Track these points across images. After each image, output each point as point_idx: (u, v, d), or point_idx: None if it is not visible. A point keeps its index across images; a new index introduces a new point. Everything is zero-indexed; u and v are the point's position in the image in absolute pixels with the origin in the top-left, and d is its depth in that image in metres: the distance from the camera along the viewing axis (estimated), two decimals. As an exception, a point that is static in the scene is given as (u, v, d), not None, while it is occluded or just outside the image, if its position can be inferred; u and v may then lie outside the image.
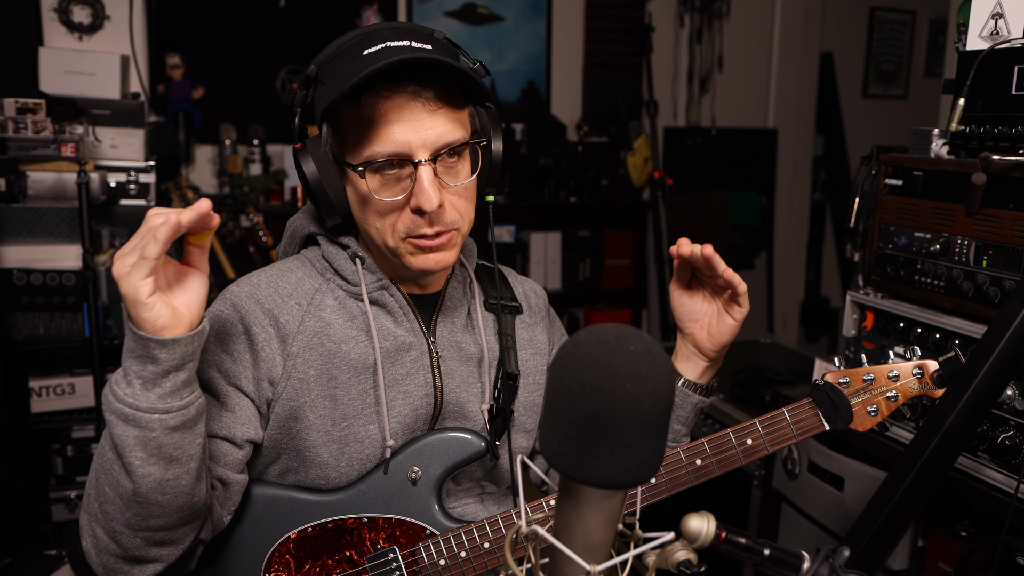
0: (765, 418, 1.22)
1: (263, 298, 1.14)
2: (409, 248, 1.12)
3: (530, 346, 1.33)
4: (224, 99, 3.40)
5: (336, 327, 1.15)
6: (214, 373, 1.10)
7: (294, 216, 1.28)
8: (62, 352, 2.43)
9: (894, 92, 4.99)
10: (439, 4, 3.72)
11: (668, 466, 1.19)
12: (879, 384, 1.25)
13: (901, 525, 1.23)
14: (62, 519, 2.52)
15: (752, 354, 2.81)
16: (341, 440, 1.14)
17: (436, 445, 1.19)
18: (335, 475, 1.15)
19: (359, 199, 1.13)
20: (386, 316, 1.19)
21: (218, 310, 1.13)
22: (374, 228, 1.13)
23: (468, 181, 1.13)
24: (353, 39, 1.09)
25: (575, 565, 0.61)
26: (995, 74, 1.38)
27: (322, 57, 1.11)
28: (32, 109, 2.38)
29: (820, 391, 1.25)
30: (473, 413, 1.23)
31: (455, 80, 1.09)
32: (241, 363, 1.11)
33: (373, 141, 1.07)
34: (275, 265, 1.22)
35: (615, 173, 3.92)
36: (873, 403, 1.25)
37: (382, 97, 1.06)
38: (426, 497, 1.18)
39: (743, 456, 1.20)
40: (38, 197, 2.41)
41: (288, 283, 1.17)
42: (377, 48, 1.05)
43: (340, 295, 1.18)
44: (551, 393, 0.60)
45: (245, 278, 1.18)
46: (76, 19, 2.74)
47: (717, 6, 4.20)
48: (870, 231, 1.64)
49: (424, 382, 1.19)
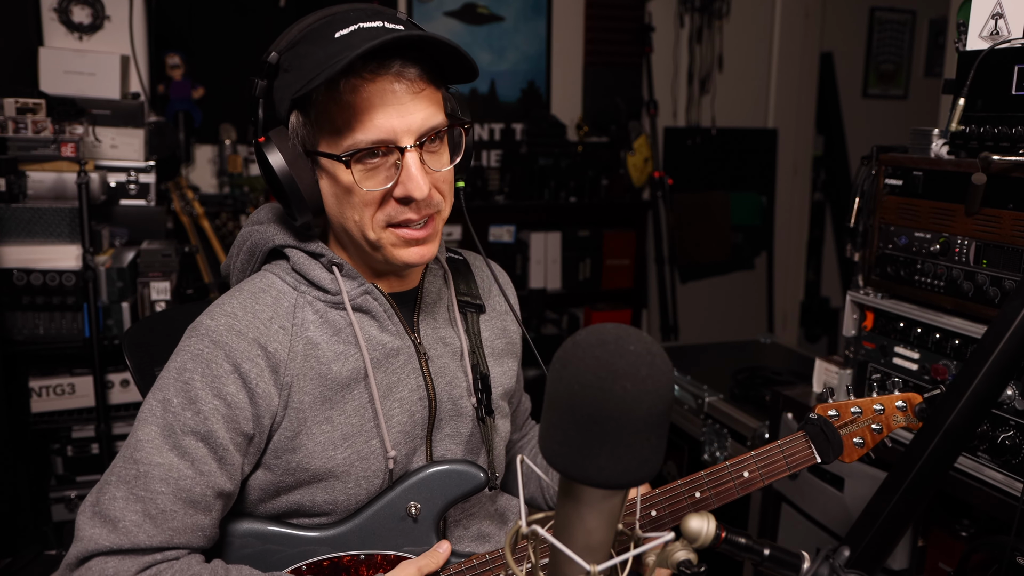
0: (760, 451, 1.24)
1: (244, 328, 1.05)
2: (392, 239, 1.07)
3: (503, 336, 1.30)
4: (224, 99, 3.40)
5: (324, 345, 1.09)
6: (214, 424, 1.02)
7: (245, 231, 1.17)
8: (62, 352, 2.43)
9: (894, 92, 4.99)
10: (439, 4, 3.72)
11: (669, 500, 1.18)
12: (866, 417, 1.30)
13: (901, 525, 1.23)
14: (62, 519, 2.52)
15: (752, 354, 2.80)
16: (346, 461, 1.09)
17: (436, 479, 1.15)
18: (343, 498, 1.11)
19: (336, 191, 1.06)
20: (371, 323, 1.13)
21: (197, 349, 1.04)
22: (352, 221, 1.07)
23: (452, 166, 1.10)
24: (315, 22, 1.03)
25: (575, 565, 0.61)
26: (995, 74, 1.38)
27: (283, 43, 1.04)
28: (32, 109, 2.38)
29: (814, 424, 1.27)
30: (465, 408, 1.20)
31: (436, 60, 1.05)
32: (237, 406, 1.03)
33: (356, 128, 1.01)
34: (241, 288, 1.11)
35: (615, 173, 3.92)
36: (859, 435, 1.30)
37: (364, 80, 1.00)
38: (426, 531, 1.15)
39: (739, 489, 1.21)
40: (38, 197, 2.41)
41: (264, 305, 1.08)
42: (351, 29, 1.00)
43: (319, 307, 1.11)
44: (551, 393, 0.60)
45: (216, 307, 1.08)
46: (76, 19, 2.74)
47: (717, 6, 4.20)
48: (870, 231, 1.64)
49: (416, 385, 1.16)
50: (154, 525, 1.00)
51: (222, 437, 1.03)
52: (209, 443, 1.02)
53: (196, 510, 1.02)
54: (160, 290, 2.52)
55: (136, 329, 1.34)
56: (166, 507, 1.00)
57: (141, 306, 2.52)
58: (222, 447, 1.03)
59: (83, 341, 2.40)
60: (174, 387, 1.03)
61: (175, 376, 1.04)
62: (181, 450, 1.01)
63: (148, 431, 1.02)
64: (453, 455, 1.20)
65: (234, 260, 1.19)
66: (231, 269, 1.20)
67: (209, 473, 1.02)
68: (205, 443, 1.02)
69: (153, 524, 1.00)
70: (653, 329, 4.19)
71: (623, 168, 3.94)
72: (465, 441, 1.21)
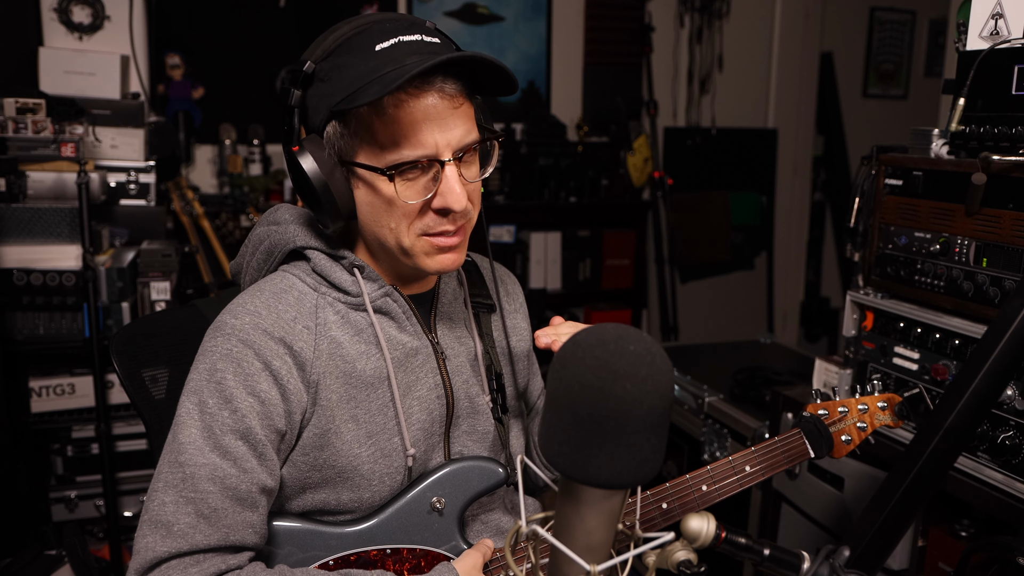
0: (760, 447, 1.30)
1: (270, 326, 1.06)
2: (426, 247, 1.09)
3: (514, 333, 1.33)
4: (224, 99, 3.40)
5: (347, 345, 1.11)
6: (252, 422, 1.03)
7: (262, 230, 1.18)
8: (62, 352, 2.43)
9: (894, 92, 4.99)
10: (439, 4, 3.72)
11: (678, 492, 1.22)
12: (851, 416, 1.39)
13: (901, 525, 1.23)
14: (62, 519, 2.52)
15: (752, 354, 2.81)
16: (371, 459, 1.11)
17: (459, 474, 1.17)
18: (368, 495, 1.12)
19: (373, 200, 1.07)
20: (391, 324, 1.15)
21: (226, 349, 1.05)
22: (387, 229, 1.08)
23: (482, 177, 1.13)
24: (351, 32, 1.04)
25: (575, 565, 0.61)
26: (995, 74, 1.38)
27: (318, 52, 1.04)
28: (32, 109, 2.38)
29: (808, 422, 1.36)
30: (482, 407, 1.23)
31: (475, 74, 1.07)
32: (271, 403, 1.05)
33: (401, 144, 1.02)
34: (262, 288, 1.12)
35: (615, 173, 3.92)
36: (846, 433, 1.38)
37: (409, 95, 1.01)
38: (450, 526, 1.17)
39: (742, 482, 1.27)
40: (38, 197, 2.41)
41: (287, 304, 1.09)
42: (391, 43, 1.02)
43: (340, 308, 1.13)
44: (551, 393, 0.60)
45: (238, 306, 1.09)
46: (76, 19, 2.74)
47: (717, 6, 4.20)
48: (870, 231, 1.64)
49: (434, 384, 1.18)
50: (208, 524, 1.00)
51: (259, 434, 1.04)
52: (248, 440, 1.03)
53: (244, 507, 1.03)
54: (160, 290, 2.52)
55: (123, 333, 1.34)
56: (217, 505, 1.01)
57: (141, 306, 2.52)
58: (260, 443, 1.04)
59: (83, 341, 2.40)
60: (208, 388, 1.04)
61: (207, 377, 1.05)
62: (223, 450, 1.02)
63: (189, 433, 1.03)
64: (470, 451, 1.23)
65: (249, 259, 1.19)
66: (244, 268, 1.21)
67: (251, 470, 1.03)
68: (245, 441, 1.03)
69: (208, 523, 1.00)
70: (653, 329, 4.19)
71: (623, 168, 3.95)
72: (481, 438, 1.24)
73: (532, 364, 1.40)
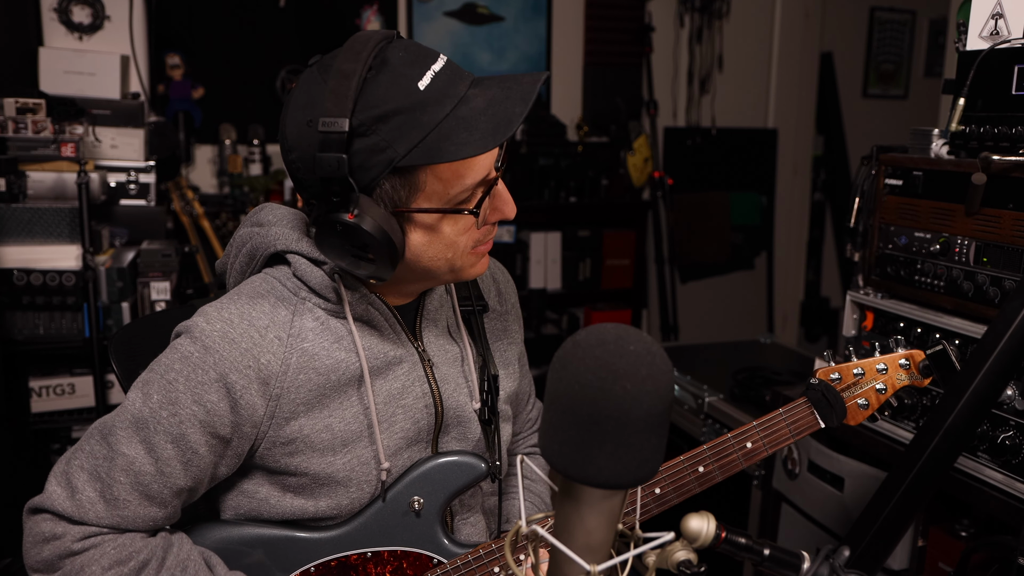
0: (763, 420, 1.24)
1: (238, 336, 1.04)
2: (472, 260, 1.11)
3: (505, 336, 1.31)
4: (224, 99, 3.40)
5: (322, 354, 1.08)
6: (188, 429, 1.02)
7: (245, 232, 1.16)
8: (62, 352, 2.43)
9: (894, 92, 4.99)
10: (439, 4, 3.72)
11: (672, 475, 1.19)
12: (869, 378, 1.29)
13: (901, 525, 1.23)
14: (62, 519, 2.52)
15: (752, 354, 2.80)
16: (346, 467, 1.10)
17: (437, 472, 1.15)
18: (347, 502, 1.12)
19: (431, 240, 1.06)
20: (371, 332, 1.13)
21: (187, 352, 1.04)
22: (442, 259, 1.08)
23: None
24: (363, 71, 0.97)
25: (575, 565, 0.61)
26: (995, 74, 1.38)
27: (346, 104, 0.96)
28: (32, 109, 2.38)
29: (815, 390, 1.27)
30: (469, 415, 1.21)
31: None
32: (216, 413, 1.03)
33: (465, 175, 1.03)
34: (240, 292, 1.11)
35: (615, 173, 3.92)
36: (863, 396, 1.29)
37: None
38: (430, 525, 1.16)
39: (743, 460, 1.22)
40: (38, 197, 2.41)
41: (262, 312, 1.07)
42: (428, 77, 0.98)
43: (320, 314, 1.10)
44: (551, 393, 0.60)
45: (213, 310, 1.07)
46: (76, 19, 2.74)
47: (717, 6, 4.20)
48: (870, 231, 1.64)
49: (422, 393, 1.16)
50: (107, 508, 1.02)
51: (194, 441, 1.03)
52: (179, 446, 1.03)
53: (151, 504, 1.04)
54: (160, 290, 2.52)
55: (123, 334, 1.33)
56: (121, 495, 1.02)
57: (141, 306, 2.52)
58: (191, 450, 1.04)
59: (83, 341, 2.40)
60: (158, 383, 1.04)
61: (161, 373, 1.05)
62: (150, 446, 1.02)
63: (125, 419, 1.04)
64: None
65: (232, 261, 1.18)
66: (228, 269, 1.19)
67: (171, 475, 1.04)
68: (175, 445, 1.03)
69: (106, 507, 1.02)
70: (653, 329, 4.19)
71: (623, 168, 3.94)
72: (470, 444, 1.22)
73: (523, 366, 1.38)
